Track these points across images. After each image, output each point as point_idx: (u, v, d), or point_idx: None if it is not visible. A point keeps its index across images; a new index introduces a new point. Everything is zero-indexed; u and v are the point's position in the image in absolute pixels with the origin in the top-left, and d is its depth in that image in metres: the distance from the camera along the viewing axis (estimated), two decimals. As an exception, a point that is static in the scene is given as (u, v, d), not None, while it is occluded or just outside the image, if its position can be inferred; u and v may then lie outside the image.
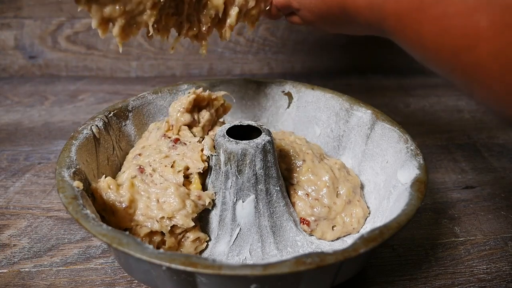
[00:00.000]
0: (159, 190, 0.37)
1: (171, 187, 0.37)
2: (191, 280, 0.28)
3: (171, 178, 0.39)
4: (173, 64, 0.87)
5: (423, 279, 0.39)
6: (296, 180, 0.43)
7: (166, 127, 0.44)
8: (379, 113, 0.46)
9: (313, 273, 0.29)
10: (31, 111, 0.69)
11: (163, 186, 0.38)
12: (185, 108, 0.44)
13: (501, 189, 0.52)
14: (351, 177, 0.45)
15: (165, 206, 0.37)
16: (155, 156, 0.41)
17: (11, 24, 0.79)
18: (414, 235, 0.44)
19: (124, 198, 0.36)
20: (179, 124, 0.44)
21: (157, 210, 0.36)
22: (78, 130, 0.41)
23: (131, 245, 0.27)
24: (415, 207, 0.33)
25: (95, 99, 0.74)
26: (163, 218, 0.36)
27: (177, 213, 0.36)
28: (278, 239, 0.40)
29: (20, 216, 0.45)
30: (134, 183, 0.38)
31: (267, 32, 0.86)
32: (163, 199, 0.37)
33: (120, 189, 0.37)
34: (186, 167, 0.40)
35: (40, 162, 0.55)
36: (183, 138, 0.43)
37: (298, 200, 0.42)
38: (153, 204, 0.37)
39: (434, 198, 0.50)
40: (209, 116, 0.46)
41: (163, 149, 0.42)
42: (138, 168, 0.40)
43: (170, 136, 0.44)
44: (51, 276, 0.38)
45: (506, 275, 0.40)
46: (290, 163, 0.44)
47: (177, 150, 0.41)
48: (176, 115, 0.44)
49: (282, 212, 0.40)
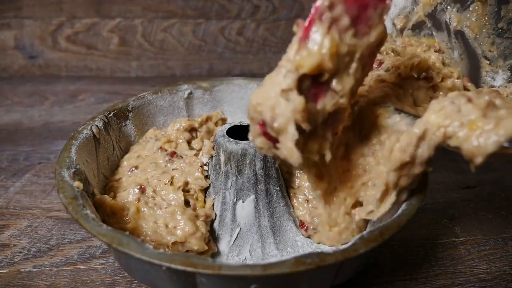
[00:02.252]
0: (167, 215, 0.37)
1: (177, 210, 0.37)
2: (191, 280, 0.28)
3: (173, 198, 0.38)
4: (173, 64, 0.87)
5: (423, 279, 0.39)
6: (297, 185, 0.43)
7: (165, 139, 0.45)
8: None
9: (313, 273, 0.29)
10: (31, 111, 0.69)
11: (169, 210, 0.37)
12: (184, 128, 0.46)
13: (501, 189, 0.52)
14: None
15: (175, 231, 0.36)
16: (153, 172, 0.41)
17: (11, 24, 0.80)
18: (414, 235, 0.44)
19: (128, 226, 0.35)
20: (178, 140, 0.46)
21: (168, 235, 0.35)
22: (78, 130, 0.41)
23: (131, 245, 0.27)
24: (415, 207, 0.33)
25: (95, 99, 0.74)
26: (175, 243, 0.35)
27: (190, 238, 0.35)
28: (278, 239, 0.40)
29: (20, 216, 0.45)
30: (140, 208, 0.37)
31: (267, 32, 0.86)
32: (172, 223, 0.36)
33: (125, 214, 0.36)
34: (185, 182, 0.40)
35: (40, 162, 0.55)
36: (179, 151, 0.43)
37: (298, 205, 0.42)
38: (161, 229, 0.36)
39: (434, 198, 0.50)
40: (207, 129, 0.49)
41: (160, 163, 0.42)
42: (139, 188, 0.39)
43: (167, 149, 0.44)
44: (51, 276, 0.38)
45: (506, 275, 0.40)
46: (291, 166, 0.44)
47: (173, 164, 0.41)
48: (176, 134, 0.46)
49: (282, 212, 0.40)
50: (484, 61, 0.39)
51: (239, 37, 0.86)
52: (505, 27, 0.38)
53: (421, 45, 0.40)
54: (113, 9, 0.81)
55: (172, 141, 0.45)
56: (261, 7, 0.84)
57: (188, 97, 0.52)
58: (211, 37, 0.85)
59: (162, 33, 0.84)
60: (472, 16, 0.39)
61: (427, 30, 0.42)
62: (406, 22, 0.42)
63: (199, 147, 0.45)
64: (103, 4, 0.80)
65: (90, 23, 0.81)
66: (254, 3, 0.84)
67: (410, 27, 0.42)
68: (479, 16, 0.39)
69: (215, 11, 0.83)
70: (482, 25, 0.39)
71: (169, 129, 0.48)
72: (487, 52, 0.39)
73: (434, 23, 0.42)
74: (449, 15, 0.40)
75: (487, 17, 0.39)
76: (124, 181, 0.41)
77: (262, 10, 0.85)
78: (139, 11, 0.82)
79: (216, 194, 0.40)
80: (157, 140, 0.45)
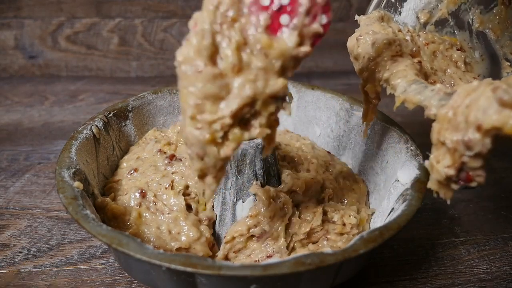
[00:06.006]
0: (170, 221, 0.36)
1: (180, 216, 0.36)
2: (191, 280, 0.28)
3: (174, 203, 0.38)
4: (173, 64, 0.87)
5: (423, 279, 0.39)
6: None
7: (164, 142, 0.45)
8: (379, 113, 0.46)
9: (313, 274, 0.29)
10: (31, 111, 0.69)
11: (172, 216, 0.37)
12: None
13: (501, 189, 0.52)
14: (357, 185, 0.45)
15: (179, 237, 0.36)
16: (152, 175, 0.40)
17: (11, 24, 0.79)
18: (414, 235, 0.44)
19: (130, 231, 0.35)
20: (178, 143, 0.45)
21: (172, 241, 0.35)
22: (78, 130, 0.41)
23: (131, 246, 0.27)
24: (415, 207, 0.33)
25: (95, 99, 0.74)
26: (179, 249, 0.35)
27: (194, 244, 0.35)
28: (278, 239, 0.40)
29: (20, 216, 0.45)
30: (141, 213, 0.37)
31: (267, 32, 0.86)
32: (175, 229, 0.36)
33: (127, 219, 0.36)
34: (185, 186, 0.39)
35: (40, 162, 0.55)
36: (179, 153, 0.43)
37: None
38: (164, 235, 0.36)
39: (434, 198, 0.50)
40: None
41: (159, 166, 0.42)
42: (140, 192, 0.39)
43: (166, 151, 0.44)
44: (51, 276, 0.38)
45: (506, 275, 0.40)
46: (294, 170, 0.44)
47: (173, 167, 0.41)
48: (176, 137, 0.46)
49: (282, 212, 0.40)
50: (505, 62, 0.40)
51: (239, 37, 0.86)
52: None
53: (444, 42, 0.40)
54: (113, 9, 0.81)
55: (172, 144, 0.45)
56: (261, 7, 0.84)
57: (188, 97, 0.52)
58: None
59: (162, 33, 0.84)
60: (495, 19, 0.40)
61: (450, 28, 0.42)
62: (430, 17, 0.42)
63: None
64: (103, 4, 0.80)
65: (90, 23, 0.81)
66: (254, 3, 0.84)
67: (433, 22, 0.42)
68: (502, 19, 0.40)
69: (215, 11, 0.84)
70: (504, 28, 0.40)
71: (169, 131, 0.47)
72: (508, 54, 0.40)
73: (457, 22, 0.42)
74: (472, 15, 0.41)
75: (509, 21, 0.40)
76: (124, 184, 0.41)
77: (262, 10, 0.85)
78: (139, 11, 0.82)
79: (216, 194, 0.40)
80: (157, 142, 0.45)
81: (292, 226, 0.38)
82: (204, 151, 0.27)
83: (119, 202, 0.38)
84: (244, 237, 0.36)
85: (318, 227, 0.38)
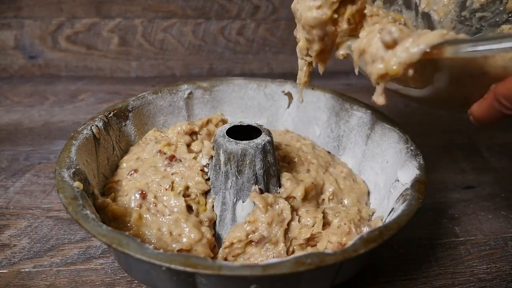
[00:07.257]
0: (171, 222, 0.36)
1: (181, 218, 0.36)
2: (191, 280, 0.28)
3: (174, 204, 0.38)
4: (173, 64, 0.87)
5: (423, 279, 0.39)
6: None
7: (164, 142, 0.45)
8: (379, 113, 0.46)
9: (313, 273, 0.29)
10: (31, 111, 0.69)
11: (173, 218, 0.36)
12: (184, 131, 0.46)
13: (501, 189, 0.52)
14: (357, 185, 0.45)
15: (181, 239, 0.36)
16: (152, 176, 0.40)
17: (11, 24, 0.79)
18: (414, 235, 0.44)
19: (130, 232, 0.35)
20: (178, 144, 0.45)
21: (173, 243, 0.35)
22: (78, 130, 0.41)
23: (130, 246, 0.27)
24: (415, 207, 0.33)
25: (95, 99, 0.74)
26: (181, 251, 0.35)
27: (195, 245, 0.35)
28: (278, 239, 0.40)
29: (20, 216, 0.45)
30: (142, 215, 0.37)
31: (267, 32, 0.86)
32: (176, 231, 0.36)
33: (127, 220, 0.36)
34: (186, 187, 0.39)
35: (40, 162, 0.55)
36: (178, 154, 0.43)
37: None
38: (166, 236, 0.36)
39: (434, 198, 0.50)
40: (208, 131, 0.48)
41: (159, 166, 0.42)
42: (140, 193, 0.39)
43: (166, 152, 0.44)
44: (51, 276, 0.38)
45: (506, 275, 0.40)
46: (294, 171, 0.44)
47: (173, 168, 0.41)
48: (176, 138, 0.46)
49: (282, 212, 0.40)
50: None
51: (239, 37, 0.86)
52: (468, 15, 0.43)
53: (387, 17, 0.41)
54: (113, 9, 0.81)
55: (172, 144, 0.45)
56: (261, 7, 0.84)
57: (188, 97, 0.52)
58: (211, 37, 0.85)
59: (162, 33, 0.84)
60: (441, 2, 0.44)
61: (397, 6, 0.46)
62: None
63: (199, 149, 0.45)
64: (103, 4, 0.80)
65: (90, 23, 0.81)
66: (254, 3, 0.83)
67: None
68: (447, 2, 0.44)
69: (215, 11, 0.83)
70: (448, 11, 0.44)
71: (169, 132, 0.47)
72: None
73: (405, 1, 0.46)
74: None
75: (453, 4, 0.43)
76: (124, 185, 0.41)
77: (262, 10, 0.84)
78: (139, 11, 0.82)
79: (216, 194, 0.40)
80: (157, 143, 0.45)
81: (291, 231, 0.38)
82: (324, 32, 0.32)
83: (119, 203, 0.38)
84: (243, 243, 0.36)
85: (319, 233, 0.38)
